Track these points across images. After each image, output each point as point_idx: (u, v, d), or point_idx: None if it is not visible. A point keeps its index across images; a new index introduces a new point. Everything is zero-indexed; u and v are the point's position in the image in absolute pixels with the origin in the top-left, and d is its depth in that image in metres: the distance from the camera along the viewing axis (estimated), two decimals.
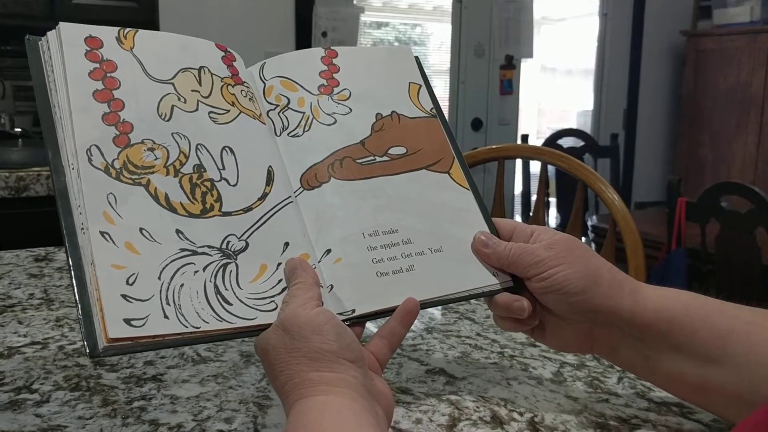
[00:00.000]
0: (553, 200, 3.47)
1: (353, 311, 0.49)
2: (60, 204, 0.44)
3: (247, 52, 0.63)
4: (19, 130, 2.13)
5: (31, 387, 0.56)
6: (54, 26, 0.50)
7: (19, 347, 0.65)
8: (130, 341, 0.41)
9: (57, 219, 0.44)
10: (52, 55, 0.49)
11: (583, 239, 1.84)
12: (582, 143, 3.26)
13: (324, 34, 3.12)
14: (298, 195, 0.53)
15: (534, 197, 3.04)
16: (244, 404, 0.54)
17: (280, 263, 0.49)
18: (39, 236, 1.23)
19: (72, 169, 0.45)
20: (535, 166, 2.55)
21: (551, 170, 1.48)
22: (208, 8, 2.91)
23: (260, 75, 0.58)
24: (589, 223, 2.89)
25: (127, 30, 0.52)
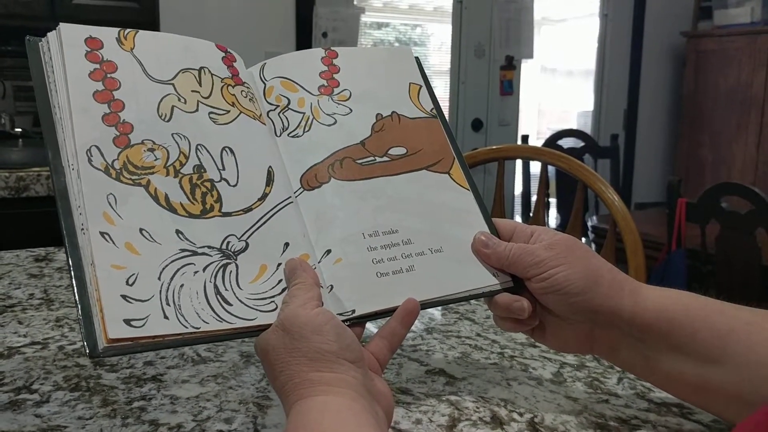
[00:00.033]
0: (553, 201, 3.47)
1: (353, 311, 0.49)
2: (60, 204, 0.44)
3: (248, 53, 0.63)
4: (20, 130, 2.13)
5: (31, 387, 0.56)
6: (54, 27, 0.50)
7: (19, 347, 0.65)
8: (130, 342, 0.41)
9: (57, 219, 0.44)
10: (53, 56, 0.49)
11: (583, 240, 1.84)
12: (582, 144, 3.26)
13: (324, 35, 3.12)
14: (298, 195, 0.53)
15: (534, 198, 3.04)
16: (243, 404, 0.54)
17: (280, 263, 0.49)
18: (39, 236, 1.23)
19: (72, 169, 0.45)
20: (536, 167, 2.55)
21: (551, 171, 1.48)
22: (209, 9, 2.91)
23: (260, 75, 0.58)
24: (589, 224, 2.89)
25: (128, 31, 0.52)
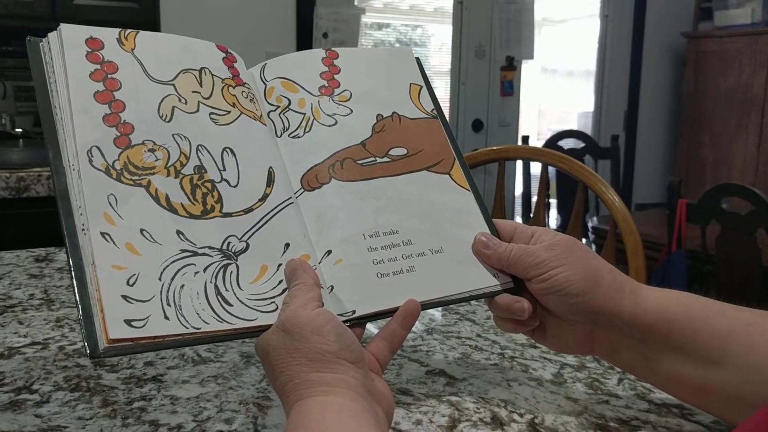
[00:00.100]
0: (553, 201, 3.47)
1: (353, 312, 0.49)
2: (61, 205, 0.44)
3: (248, 53, 0.63)
4: (20, 130, 2.13)
5: (31, 387, 0.56)
6: (55, 27, 0.50)
7: (20, 347, 0.65)
8: (131, 342, 0.41)
9: (58, 219, 0.44)
10: (53, 57, 0.49)
11: (583, 240, 1.84)
12: (582, 144, 3.26)
13: (325, 35, 3.12)
14: (298, 196, 0.53)
15: (534, 198, 3.03)
16: (244, 405, 0.54)
17: (280, 264, 0.49)
18: (39, 236, 1.23)
19: (73, 170, 0.45)
20: (536, 168, 2.55)
21: (552, 171, 1.48)
22: (209, 9, 2.91)
23: (261, 76, 0.58)
24: (589, 225, 2.89)
25: (128, 31, 0.52)
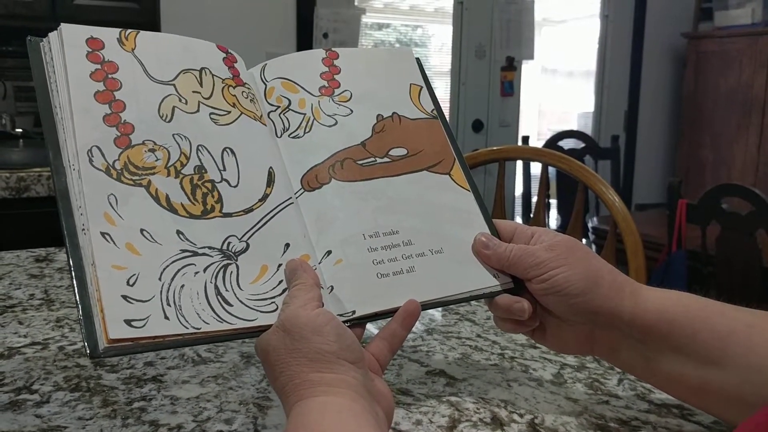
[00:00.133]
0: (553, 202, 3.47)
1: (353, 312, 0.49)
2: (61, 205, 0.44)
3: (249, 53, 0.63)
4: (20, 130, 2.13)
5: (32, 387, 0.56)
6: (55, 27, 0.50)
7: (20, 348, 0.65)
8: (131, 342, 0.41)
9: (58, 219, 0.44)
10: (54, 57, 0.49)
11: (583, 241, 1.84)
12: (583, 145, 3.26)
13: (325, 35, 3.13)
14: (298, 196, 0.53)
15: (534, 199, 3.03)
16: (244, 405, 0.54)
17: (280, 264, 0.49)
18: (40, 237, 1.23)
19: (73, 169, 0.45)
20: (536, 168, 2.55)
21: (552, 172, 1.48)
22: (210, 9, 2.91)
23: (261, 76, 0.58)
24: (589, 225, 2.89)
25: (129, 31, 0.52)
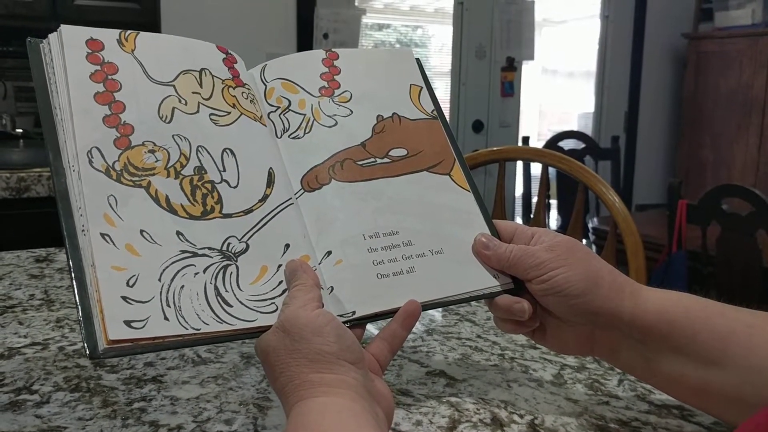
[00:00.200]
0: (553, 202, 3.47)
1: (353, 313, 0.49)
2: (61, 206, 0.44)
3: (249, 54, 0.63)
4: (21, 130, 2.13)
5: (31, 388, 0.56)
6: (55, 27, 0.50)
7: (20, 348, 0.65)
8: (130, 343, 0.41)
9: (58, 220, 0.44)
10: (54, 58, 0.49)
11: (583, 241, 1.83)
12: (583, 145, 3.26)
13: (325, 36, 3.13)
14: (298, 197, 0.53)
15: (535, 199, 3.04)
16: (244, 405, 0.54)
17: (280, 265, 0.49)
18: (40, 237, 1.23)
19: (73, 170, 0.45)
20: (536, 168, 2.55)
21: (552, 172, 1.48)
22: (210, 9, 2.92)
23: (261, 77, 0.58)
24: (589, 225, 2.89)
25: (128, 32, 0.52)
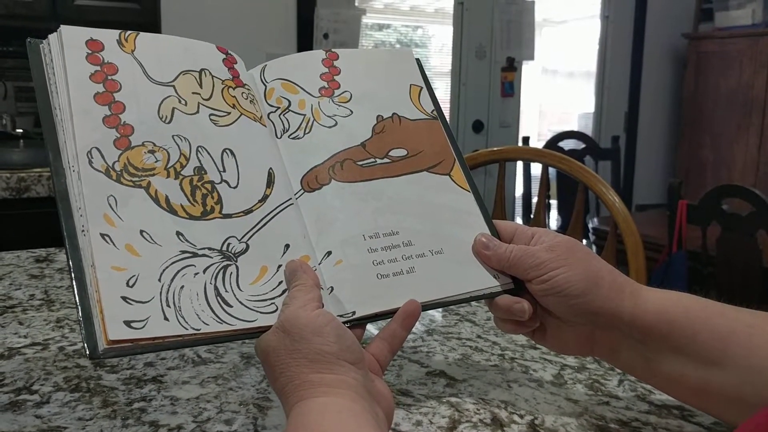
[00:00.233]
0: (554, 202, 3.47)
1: (353, 313, 0.49)
2: (60, 206, 0.44)
3: (249, 54, 0.63)
4: (21, 130, 2.14)
5: (31, 388, 0.56)
6: (55, 27, 0.50)
7: (20, 348, 0.65)
8: (130, 343, 0.41)
9: (58, 220, 0.44)
10: (53, 58, 0.49)
11: (583, 241, 1.83)
12: (583, 145, 3.26)
13: (325, 36, 3.13)
14: (298, 197, 0.53)
15: (535, 199, 3.03)
16: (244, 406, 0.54)
17: (280, 265, 0.49)
18: (40, 237, 1.23)
19: (73, 171, 0.45)
20: (536, 169, 2.55)
21: (552, 172, 1.48)
22: (210, 10, 2.92)
23: (261, 77, 0.58)
24: (590, 226, 2.88)
25: (128, 33, 0.52)
